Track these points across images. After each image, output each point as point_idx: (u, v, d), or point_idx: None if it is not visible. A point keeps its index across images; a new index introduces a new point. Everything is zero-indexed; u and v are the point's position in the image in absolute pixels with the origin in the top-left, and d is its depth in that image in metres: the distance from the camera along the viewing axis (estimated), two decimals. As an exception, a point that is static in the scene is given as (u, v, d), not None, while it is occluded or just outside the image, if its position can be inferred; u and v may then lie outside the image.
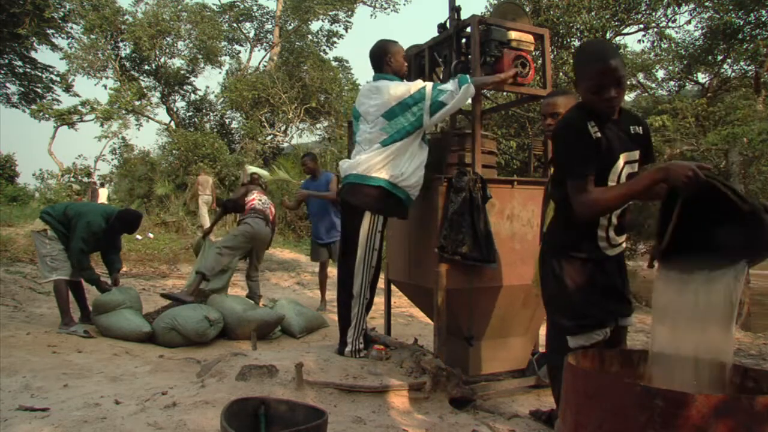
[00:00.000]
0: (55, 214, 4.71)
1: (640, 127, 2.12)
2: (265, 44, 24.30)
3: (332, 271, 7.31)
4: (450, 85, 3.09)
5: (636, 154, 2.09)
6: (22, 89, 21.39)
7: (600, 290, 2.07)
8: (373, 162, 3.09)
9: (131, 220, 4.92)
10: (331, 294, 6.11)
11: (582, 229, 2.07)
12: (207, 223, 13.25)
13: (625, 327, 2.17)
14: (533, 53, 3.61)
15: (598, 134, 1.98)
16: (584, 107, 2.04)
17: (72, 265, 4.69)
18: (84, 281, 4.91)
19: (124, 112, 20.08)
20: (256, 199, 5.74)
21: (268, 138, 20.45)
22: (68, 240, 4.66)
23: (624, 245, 2.19)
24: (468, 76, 3.11)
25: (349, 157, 3.42)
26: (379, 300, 4.38)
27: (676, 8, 14.36)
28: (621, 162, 2.03)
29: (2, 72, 20.78)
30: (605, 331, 2.06)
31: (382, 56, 3.27)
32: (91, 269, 4.80)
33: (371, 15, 26.24)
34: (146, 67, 21.45)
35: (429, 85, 3.12)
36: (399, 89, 3.11)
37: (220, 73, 49.07)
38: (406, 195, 3.17)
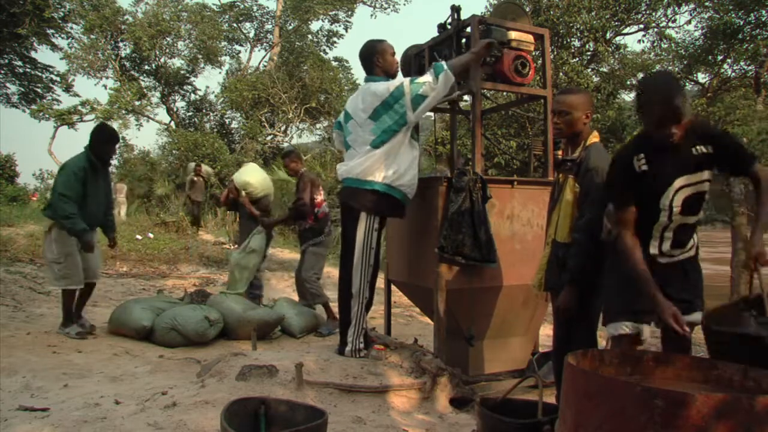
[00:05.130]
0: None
1: (710, 146, 2.04)
2: (265, 44, 24.30)
3: (333, 272, 7.33)
4: (427, 77, 3.07)
5: (702, 176, 2.07)
6: (22, 89, 21.33)
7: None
8: (367, 166, 3.09)
9: (102, 130, 4.65)
10: (332, 294, 6.11)
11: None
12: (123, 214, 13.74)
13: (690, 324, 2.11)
14: (533, 53, 3.61)
15: (644, 167, 2.07)
16: (640, 137, 2.14)
17: (58, 216, 4.32)
18: (67, 232, 4.39)
19: (124, 112, 20.06)
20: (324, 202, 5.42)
21: (268, 138, 20.45)
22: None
23: (691, 253, 2.19)
24: (443, 63, 3.09)
25: (342, 159, 3.42)
26: (379, 300, 4.37)
27: (676, 8, 14.37)
28: (675, 186, 2.06)
29: (2, 72, 20.73)
30: (637, 327, 2.11)
31: (370, 57, 3.25)
32: (74, 217, 4.32)
33: (371, 15, 26.21)
34: (146, 67, 21.46)
35: (406, 80, 3.10)
36: (379, 89, 3.10)
37: (220, 73, 49.06)
38: (403, 194, 3.17)
